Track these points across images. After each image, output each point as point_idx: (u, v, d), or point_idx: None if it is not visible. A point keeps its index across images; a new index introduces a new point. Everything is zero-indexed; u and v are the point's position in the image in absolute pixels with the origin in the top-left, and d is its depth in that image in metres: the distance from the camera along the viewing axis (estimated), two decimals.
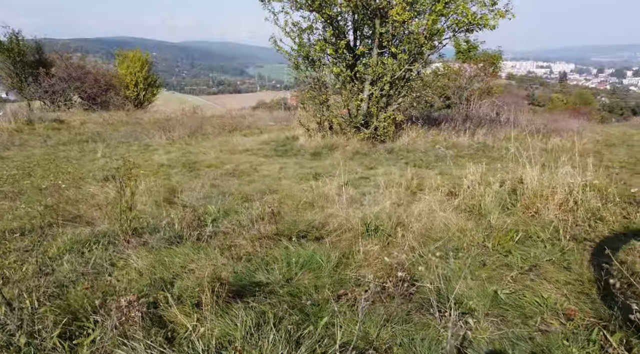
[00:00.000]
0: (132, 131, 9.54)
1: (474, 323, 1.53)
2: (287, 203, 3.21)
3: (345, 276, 1.91)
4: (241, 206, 3.23)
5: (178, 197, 3.57)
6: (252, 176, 4.90)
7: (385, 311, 1.59)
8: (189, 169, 5.32)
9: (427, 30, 6.55)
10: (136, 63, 21.33)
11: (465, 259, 2.16)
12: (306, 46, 7.19)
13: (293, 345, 1.32)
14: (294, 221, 2.65)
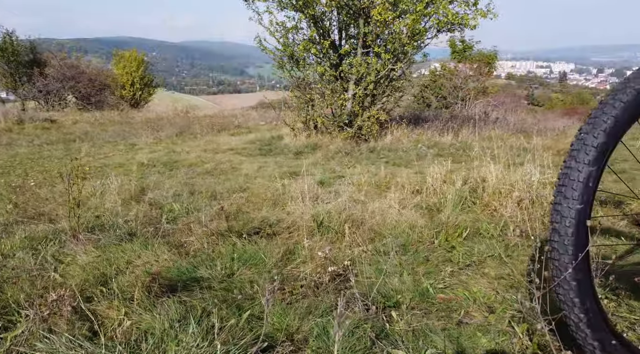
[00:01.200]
0: (121, 130, 9.59)
1: (397, 316, 1.56)
2: (252, 201, 3.25)
3: (287, 272, 1.95)
4: (209, 204, 3.27)
5: (147, 196, 3.61)
6: (229, 174, 4.94)
7: (313, 304, 1.63)
8: (169, 168, 5.36)
9: (409, 30, 6.59)
10: (132, 63, 21.36)
11: (410, 254, 2.21)
12: (290, 46, 7.23)
13: (211, 337, 1.36)
14: (251, 218, 2.69)
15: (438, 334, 1.43)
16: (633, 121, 1.12)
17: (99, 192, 3.65)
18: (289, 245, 2.23)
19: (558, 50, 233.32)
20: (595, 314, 1.11)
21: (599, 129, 1.08)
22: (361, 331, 1.47)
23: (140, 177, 4.69)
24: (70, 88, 16.55)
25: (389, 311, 1.61)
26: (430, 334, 1.44)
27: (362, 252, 2.14)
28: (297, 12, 7.02)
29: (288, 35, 7.30)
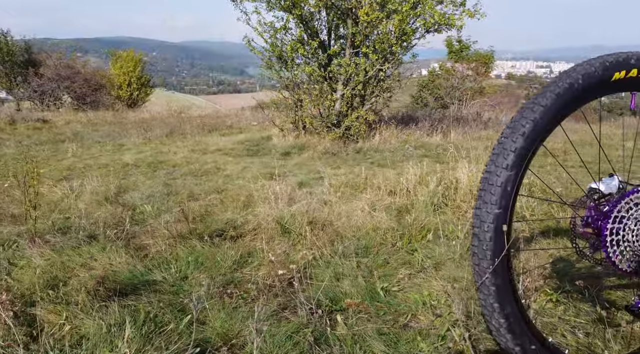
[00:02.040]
0: (112, 130, 9.58)
1: (342, 319, 1.56)
2: (224, 202, 3.24)
3: (242, 275, 1.94)
4: (185, 206, 3.26)
5: (123, 197, 3.61)
6: (212, 175, 4.93)
7: (259, 308, 1.62)
8: (153, 169, 5.35)
9: (397, 30, 6.57)
10: (129, 63, 21.35)
11: (370, 257, 2.20)
12: (279, 46, 7.22)
13: (145, 342, 1.35)
14: (217, 220, 2.68)
15: (376, 339, 1.42)
16: (554, 124, 1.11)
17: (75, 193, 3.64)
18: (250, 248, 2.23)
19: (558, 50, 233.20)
20: (516, 319, 1.10)
21: (517, 134, 1.07)
22: (301, 335, 1.46)
23: (122, 178, 4.69)
24: (65, 88, 16.54)
25: (335, 315, 1.60)
26: (369, 339, 1.43)
27: (320, 255, 2.13)
28: (285, 12, 7.01)
29: (277, 35, 7.30)
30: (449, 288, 1.82)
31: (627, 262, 1.16)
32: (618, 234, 1.15)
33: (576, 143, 8.29)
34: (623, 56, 1.12)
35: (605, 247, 1.15)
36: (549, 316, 1.62)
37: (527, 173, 1.13)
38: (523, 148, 1.06)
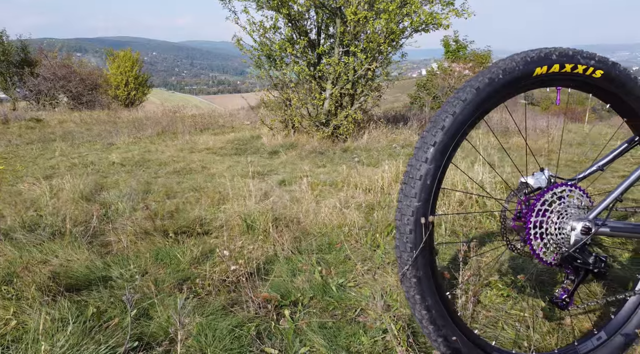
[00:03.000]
0: (104, 130, 9.60)
1: (289, 314, 1.57)
2: (200, 200, 3.26)
3: (199, 271, 1.95)
4: (161, 203, 3.27)
5: (100, 195, 3.62)
6: (195, 174, 4.94)
7: (209, 303, 1.64)
8: (138, 168, 5.36)
9: (384, 29, 6.58)
10: (127, 62, 21.37)
11: (333, 253, 2.21)
12: (267, 45, 7.24)
13: (85, 336, 1.36)
14: (187, 217, 2.69)
15: (317, 332, 1.44)
16: (477, 119, 1.12)
17: (54, 191, 3.66)
18: (213, 244, 2.24)
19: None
20: (439, 310, 1.12)
21: (437, 128, 1.08)
22: (244, 329, 1.47)
23: (104, 176, 4.70)
24: (61, 88, 16.57)
25: (282, 309, 1.61)
26: (310, 333, 1.44)
27: (282, 251, 2.15)
28: (274, 11, 7.02)
29: (267, 34, 7.31)
30: None
31: (551, 254, 1.17)
32: (541, 227, 1.16)
33: (565, 143, 8.31)
34: (545, 51, 1.14)
35: (530, 240, 1.17)
36: (495, 310, 1.63)
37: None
38: (443, 142, 1.07)
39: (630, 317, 1.32)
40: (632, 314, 1.32)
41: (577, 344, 1.29)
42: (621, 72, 1.20)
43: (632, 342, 1.30)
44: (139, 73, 21.66)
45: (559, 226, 1.16)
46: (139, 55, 22.21)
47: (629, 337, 1.29)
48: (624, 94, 1.22)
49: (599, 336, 1.30)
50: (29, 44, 17.92)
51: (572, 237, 1.16)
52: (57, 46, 18.63)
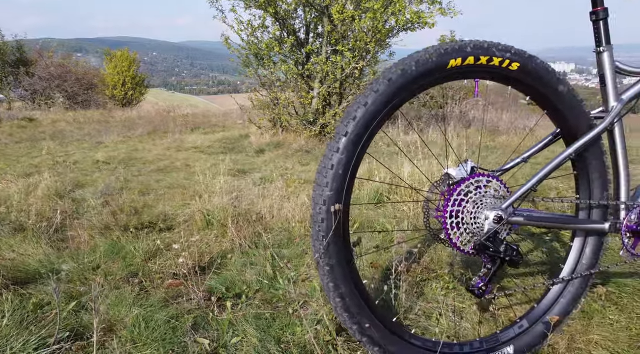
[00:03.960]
0: (95, 129, 9.62)
1: (230, 306, 1.59)
2: (173, 197, 3.28)
3: (152, 265, 1.97)
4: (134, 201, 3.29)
5: (76, 192, 3.64)
6: (178, 172, 4.96)
7: (154, 296, 1.66)
8: (122, 166, 5.38)
9: (371, 28, 6.60)
10: (124, 62, 21.38)
11: (290, 248, 2.23)
12: (255, 44, 7.26)
13: (19, 327, 1.38)
14: (152, 213, 2.71)
15: (251, 323, 1.46)
16: (391, 110, 1.14)
17: (31, 188, 3.67)
18: (172, 239, 2.26)
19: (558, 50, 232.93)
20: (353, 298, 1.13)
21: (349, 118, 1.10)
22: (182, 320, 1.49)
23: (84, 174, 4.72)
24: (56, 87, 16.60)
25: (224, 302, 1.63)
26: (245, 324, 1.46)
27: (238, 246, 2.17)
28: (261, 9, 7.04)
29: (255, 33, 7.33)
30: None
31: (468, 244, 1.19)
32: (457, 217, 1.18)
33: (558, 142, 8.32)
34: (460, 44, 1.16)
35: (447, 229, 1.19)
36: (436, 302, 1.65)
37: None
38: (354, 132, 1.09)
39: (552, 305, 1.33)
40: (554, 302, 1.34)
41: (499, 332, 1.31)
42: (538, 65, 1.22)
43: (552, 330, 1.32)
44: (136, 73, 21.69)
45: (474, 215, 1.18)
46: (136, 55, 22.23)
47: (549, 325, 1.31)
48: (541, 87, 1.23)
49: (520, 324, 1.32)
50: (28, 43, 17.95)
51: (486, 226, 1.18)
52: (52, 46, 18.64)
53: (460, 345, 1.26)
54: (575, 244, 1.35)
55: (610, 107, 1.31)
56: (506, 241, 1.17)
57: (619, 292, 1.76)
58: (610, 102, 1.32)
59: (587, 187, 1.32)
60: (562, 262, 1.37)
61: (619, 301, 1.69)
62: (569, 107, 1.26)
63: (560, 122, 1.29)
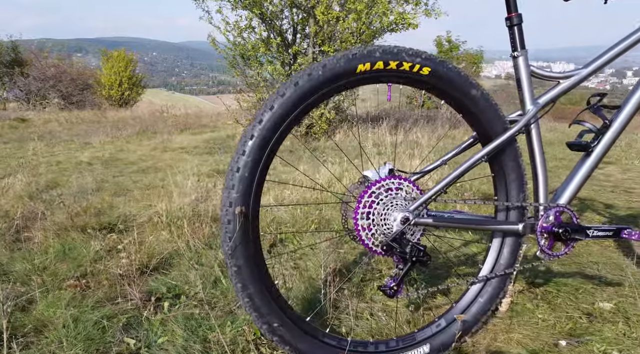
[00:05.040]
0: (85, 130, 9.66)
1: (169, 306, 1.61)
2: (144, 198, 3.31)
3: (101, 266, 1.99)
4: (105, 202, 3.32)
5: (49, 193, 3.67)
6: (159, 172, 4.98)
7: (90, 297, 1.68)
8: (105, 166, 5.41)
9: (356, 29, 6.63)
10: (120, 63, 21.34)
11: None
12: (242, 44, 7.29)
13: None
14: (115, 214, 2.74)
15: (180, 323, 1.48)
16: (299, 115, 1.16)
17: (6, 189, 3.70)
18: (128, 240, 2.28)
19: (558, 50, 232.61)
20: (263, 298, 1.16)
21: (255, 122, 1.13)
22: (115, 321, 1.52)
23: (64, 175, 4.75)
24: (51, 87, 16.63)
25: (164, 302, 1.65)
26: (174, 324, 1.48)
27: (193, 246, 2.19)
28: (247, 10, 7.06)
29: (243, 34, 7.36)
30: (289, 278, 1.87)
31: (379, 245, 1.21)
32: (368, 218, 1.21)
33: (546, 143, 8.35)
34: (369, 49, 1.18)
35: (358, 231, 1.21)
36: (373, 302, 1.67)
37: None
38: (261, 136, 1.12)
39: (470, 305, 1.36)
40: (473, 301, 1.36)
41: (417, 331, 1.34)
42: (449, 70, 1.24)
43: (469, 329, 1.34)
44: (133, 73, 21.67)
45: (384, 217, 1.21)
46: (133, 56, 22.21)
47: (466, 324, 1.33)
48: (453, 91, 1.26)
49: (438, 323, 1.34)
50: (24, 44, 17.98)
51: (394, 227, 1.20)
52: (48, 46, 18.68)
53: (376, 344, 1.29)
54: (494, 245, 1.38)
55: (527, 110, 1.34)
56: (413, 242, 1.19)
57: (556, 292, 1.79)
58: (527, 105, 1.34)
59: (505, 188, 1.35)
60: (482, 263, 1.39)
61: (553, 301, 1.71)
62: (482, 110, 1.28)
63: (476, 126, 1.31)
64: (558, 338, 1.42)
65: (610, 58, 1.38)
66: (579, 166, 1.42)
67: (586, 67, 1.38)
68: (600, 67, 1.39)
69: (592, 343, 1.39)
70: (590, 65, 1.38)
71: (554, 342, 1.40)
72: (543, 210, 1.35)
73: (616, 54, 1.38)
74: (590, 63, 1.39)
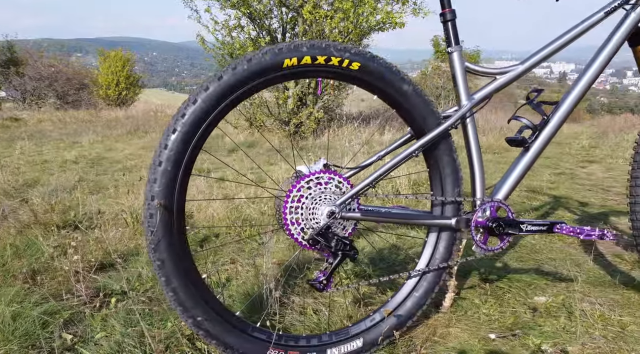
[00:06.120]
0: (76, 129, 9.67)
1: (116, 302, 1.62)
2: (116, 196, 3.31)
3: (58, 262, 1.99)
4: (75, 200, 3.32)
5: (27, 192, 3.67)
6: (142, 171, 4.98)
7: (38, 292, 1.68)
8: (90, 165, 5.41)
9: (343, 29, 6.63)
10: (118, 62, 21.30)
11: (207, 245, 2.26)
12: (231, 44, 7.29)
13: None
14: (83, 211, 2.74)
15: (120, 319, 1.48)
16: (226, 107, 1.16)
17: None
18: (90, 236, 2.28)
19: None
20: (188, 293, 1.16)
21: (178, 115, 1.13)
22: (58, 316, 1.52)
23: (48, 173, 4.75)
24: (47, 87, 16.63)
25: (112, 299, 1.65)
26: (114, 319, 1.49)
27: None
28: (235, 9, 7.07)
29: (232, 33, 7.36)
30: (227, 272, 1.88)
31: (308, 239, 1.21)
32: (297, 213, 1.21)
33: None
34: (296, 43, 1.18)
35: (287, 225, 1.21)
36: (324, 297, 1.67)
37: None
38: (183, 130, 1.12)
39: (406, 299, 1.36)
40: (408, 296, 1.36)
41: (351, 326, 1.34)
42: (380, 65, 1.24)
43: (404, 323, 1.34)
44: (130, 73, 21.64)
45: (312, 211, 1.21)
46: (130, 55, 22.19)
47: (400, 318, 1.33)
48: (385, 86, 1.26)
49: (372, 317, 1.34)
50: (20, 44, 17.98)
51: (322, 221, 1.20)
52: (44, 46, 18.68)
53: (308, 338, 1.29)
54: (430, 240, 1.38)
55: (462, 106, 1.34)
56: (338, 236, 1.19)
57: (508, 287, 1.79)
58: (462, 100, 1.34)
59: (440, 183, 1.35)
60: (418, 258, 1.39)
61: (502, 296, 1.71)
62: (415, 106, 1.28)
63: (409, 121, 1.32)
64: (495, 333, 1.43)
65: (548, 53, 1.39)
66: (517, 162, 1.42)
67: (523, 63, 1.38)
68: (537, 63, 1.39)
69: (528, 336, 1.40)
70: (527, 61, 1.39)
71: (488, 336, 1.40)
72: (478, 205, 1.35)
73: (554, 50, 1.39)
74: (527, 59, 1.39)
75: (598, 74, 1.42)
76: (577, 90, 1.42)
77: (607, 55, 1.42)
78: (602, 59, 1.42)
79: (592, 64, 1.43)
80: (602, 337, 1.41)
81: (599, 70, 1.42)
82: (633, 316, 1.54)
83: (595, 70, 1.42)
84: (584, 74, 1.43)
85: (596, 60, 1.43)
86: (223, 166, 4.85)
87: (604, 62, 1.43)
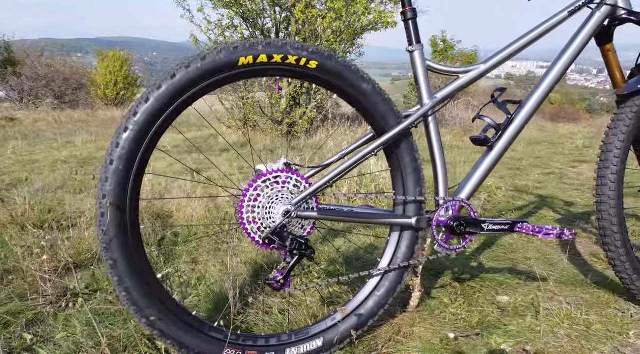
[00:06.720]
0: (72, 129, 9.66)
1: (82, 302, 1.61)
2: None
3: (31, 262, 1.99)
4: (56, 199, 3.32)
5: (10, 191, 3.67)
6: None
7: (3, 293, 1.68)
8: (79, 165, 5.40)
9: (336, 28, 6.62)
10: (116, 62, 21.29)
11: (184, 245, 2.26)
12: (222, 43, 7.28)
13: None
14: (63, 211, 2.73)
15: (81, 320, 1.48)
16: (179, 106, 1.15)
17: None
18: (66, 236, 2.28)
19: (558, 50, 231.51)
20: (142, 292, 1.15)
21: (130, 114, 1.12)
22: (21, 317, 1.51)
23: (37, 172, 4.74)
24: (44, 87, 16.62)
25: (78, 298, 1.64)
26: (79, 318, 1.48)
27: None
28: (227, 9, 7.06)
29: (225, 33, 7.35)
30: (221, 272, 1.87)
31: (264, 238, 1.21)
32: (254, 211, 1.20)
33: (525, 141, 8.34)
34: (252, 42, 1.17)
35: (244, 224, 1.21)
36: (292, 297, 1.66)
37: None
38: (135, 129, 1.11)
39: (367, 298, 1.35)
40: (370, 295, 1.35)
41: (311, 325, 1.33)
42: (338, 63, 1.23)
43: (365, 323, 1.33)
44: (129, 73, 21.62)
45: (268, 210, 1.20)
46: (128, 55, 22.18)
47: (361, 318, 1.33)
48: (344, 85, 1.25)
49: (334, 317, 1.33)
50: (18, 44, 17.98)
51: (278, 220, 1.20)
52: (41, 45, 18.68)
53: (267, 338, 1.28)
54: (392, 239, 1.37)
55: (424, 105, 1.33)
56: (293, 235, 1.18)
57: (479, 287, 1.78)
58: (424, 99, 1.34)
59: (402, 182, 1.34)
60: (381, 257, 1.39)
61: (472, 295, 1.71)
62: (375, 105, 1.28)
63: (369, 120, 1.31)
64: (458, 332, 1.42)
65: (510, 53, 1.38)
66: (480, 161, 1.41)
67: (485, 62, 1.38)
68: (500, 63, 1.38)
69: (492, 336, 1.39)
70: (489, 60, 1.38)
71: (450, 335, 1.39)
72: (440, 204, 1.35)
73: (516, 50, 1.38)
74: (490, 58, 1.39)
75: (562, 74, 1.42)
76: (541, 89, 1.41)
77: (572, 54, 1.42)
78: (566, 58, 1.42)
79: (556, 64, 1.42)
80: (566, 336, 1.40)
81: (563, 69, 1.41)
82: (600, 315, 1.53)
83: (559, 70, 1.41)
84: (548, 73, 1.42)
85: (560, 59, 1.42)
86: (212, 166, 4.83)
87: (569, 61, 1.42)
